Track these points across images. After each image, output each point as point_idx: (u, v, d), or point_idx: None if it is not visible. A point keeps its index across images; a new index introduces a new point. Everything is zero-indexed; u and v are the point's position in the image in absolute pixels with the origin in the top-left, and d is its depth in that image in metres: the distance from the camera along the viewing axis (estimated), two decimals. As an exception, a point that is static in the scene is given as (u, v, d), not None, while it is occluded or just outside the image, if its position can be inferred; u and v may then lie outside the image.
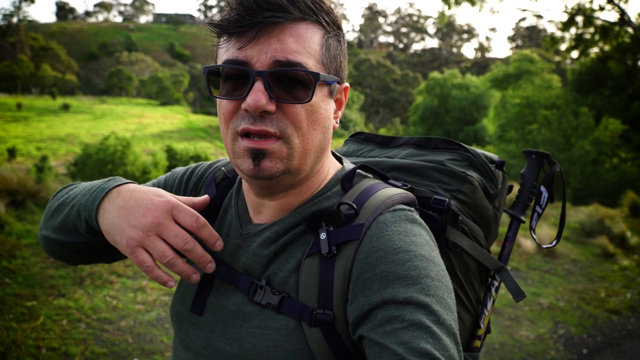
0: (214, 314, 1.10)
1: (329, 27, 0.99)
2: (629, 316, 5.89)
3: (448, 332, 0.85)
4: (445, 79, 43.35)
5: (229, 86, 0.96)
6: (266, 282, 1.03)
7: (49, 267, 5.31)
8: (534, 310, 5.83)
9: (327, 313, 0.95)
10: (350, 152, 1.45)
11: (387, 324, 0.85)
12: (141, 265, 0.96)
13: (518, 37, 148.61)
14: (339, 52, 1.02)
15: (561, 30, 26.96)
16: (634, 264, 7.94)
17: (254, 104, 0.90)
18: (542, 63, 31.14)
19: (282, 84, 0.93)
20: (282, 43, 0.92)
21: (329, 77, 0.97)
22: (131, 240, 0.97)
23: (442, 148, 1.33)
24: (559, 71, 38.97)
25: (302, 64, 0.92)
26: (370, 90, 78.45)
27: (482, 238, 1.25)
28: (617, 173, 19.87)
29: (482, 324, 1.29)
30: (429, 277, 0.90)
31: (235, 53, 0.93)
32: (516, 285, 1.25)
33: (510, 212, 1.39)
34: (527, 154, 1.43)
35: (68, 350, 3.84)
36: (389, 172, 1.28)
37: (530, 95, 24.46)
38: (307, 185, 1.06)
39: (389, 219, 0.98)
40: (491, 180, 1.28)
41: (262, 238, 1.06)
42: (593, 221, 9.52)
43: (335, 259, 0.96)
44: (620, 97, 24.14)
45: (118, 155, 18.01)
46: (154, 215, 0.96)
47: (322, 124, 0.99)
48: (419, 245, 0.94)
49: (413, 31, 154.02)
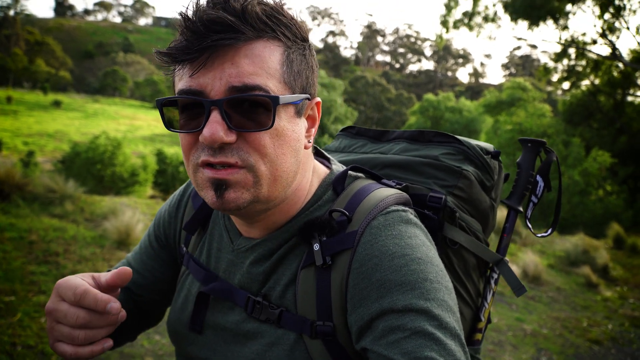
0: (213, 332, 1.07)
1: (290, 42, 0.91)
2: (610, 347, 5.91)
3: (452, 335, 0.83)
4: (439, 101, 43.77)
5: (185, 117, 0.90)
6: (263, 297, 1.00)
7: (30, 263, 5.22)
8: (517, 335, 5.83)
9: (327, 324, 0.93)
10: (342, 147, 1.40)
11: (389, 334, 0.82)
12: (65, 357, 0.92)
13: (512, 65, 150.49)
14: (304, 66, 0.95)
15: (554, 61, 27.41)
16: (616, 296, 8.00)
17: (210, 137, 0.84)
18: (534, 92, 31.54)
19: (242, 110, 0.86)
20: (237, 66, 0.85)
21: (292, 97, 0.90)
22: (49, 339, 0.94)
23: (435, 141, 1.28)
24: (550, 101, 39.51)
25: (261, 86, 0.85)
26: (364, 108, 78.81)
27: (479, 232, 1.22)
28: (603, 205, 20.07)
29: (483, 316, 1.27)
30: (427, 280, 0.87)
31: (188, 82, 0.86)
32: (516, 279, 1.21)
33: (507, 202, 1.35)
34: (522, 143, 1.38)
35: (45, 349, 3.75)
36: (382, 169, 1.24)
37: (523, 122, 24.73)
38: (287, 204, 1.01)
39: (382, 222, 0.94)
40: (487, 172, 1.25)
41: (255, 255, 1.03)
42: (578, 251, 9.58)
43: (330, 269, 0.93)
44: (609, 130, 24.50)
45: (108, 156, 17.86)
46: (48, 305, 0.93)
47: (292, 147, 0.92)
48: (415, 248, 0.91)
49: (410, 52, 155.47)
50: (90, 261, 5.61)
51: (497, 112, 30.78)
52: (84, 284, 0.90)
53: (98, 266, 5.47)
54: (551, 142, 22.32)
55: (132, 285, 1.26)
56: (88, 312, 0.89)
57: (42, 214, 6.94)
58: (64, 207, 7.33)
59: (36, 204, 7.23)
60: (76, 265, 5.38)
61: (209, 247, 1.14)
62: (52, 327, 0.91)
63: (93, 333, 0.90)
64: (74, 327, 0.89)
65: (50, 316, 0.91)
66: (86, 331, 0.90)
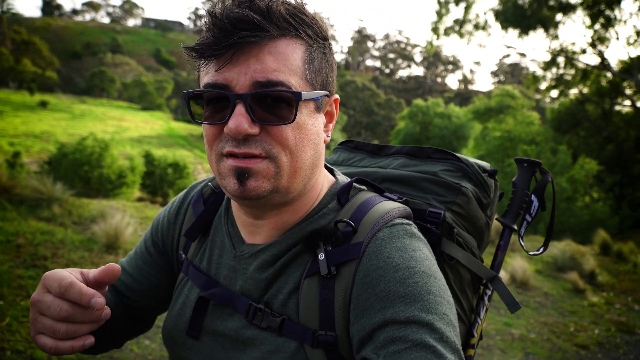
0: (211, 338, 1.06)
1: (311, 41, 0.95)
2: (597, 352, 5.97)
3: (452, 349, 0.83)
4: (428, 106, 43.94)
5: (210, 110, 0.94)
6: (265, 304, 1.00)
7: (18, 267, 5.16)
8: (506, 340, 5.87)
9: (329, 334, 0.93)
10: (340, 160, 1.42)
11: (391, 345, 0.83)
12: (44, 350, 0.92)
13: (501, 73, 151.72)
14: (325, 64, 0.99)
15: (543, 69, 27.71)
16: (603, 302, 8.08)
17: (235, 128, 0.88)
18: (523, 99, 31.83)
19: (265, 105, 0.90)
20: (261, 63, 0.89)
21: (313, 93, 0.94)
22: (31, 331, 0.94)
23: (435, 158, 1.31)
24: (538, 109, 39.87)
25: (284, 82, 0.89)
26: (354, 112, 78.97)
27: (475, 248, 1.24)
28: (589, 212, 20.28)
29: (476, 332, 1.28)
30: (430, 294, 0.88)
31: (214, 76, 0.90)
32: (510, 295, 1.23)
33: (502, 220, 1.37)
34: (518, 162, 1.41)
35: (34, 354, 3.71)
36: (381, 183, 1.26)
37: (512, 129, 24.94)
38: (300, 202, 1.03)
39: (387, 235, 0.96)
40: (484, 190, 1.27)
41: (258, 261, 1.03)
42: (565, 257, 9.67)
43: (335, 279, 0.94)
44: (596, 139, 24.79)
45: (95, 157, 17.68)
46: (33, 296, 0.93)
47: (312, 140, 0.96)
48: (419, 261, 0.92)
49: (400, 58, 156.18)
50: (78, 265, 5.55)
51: (486, 118, 31.01)
52: (70, 277, 0.90)
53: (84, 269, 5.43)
54: (539, 150, 22.54)
55: (126, 290, 1.25)
56: (72, 305, 0.89)
57: (30, 217, 6.87)
58: (51, 210, 7.26)
59: (23, 207, 7.15)
60: (64, 269, 5.34)
61: (210, 253, 1.14)
62: (35, 318, 0.91)
63: (75, 328, 0.90)
64: (56, 320, 0.89)
65: (34, 307, 0.91)
66: (68, 325, 0.89)
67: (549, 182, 1.37)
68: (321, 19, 0.99)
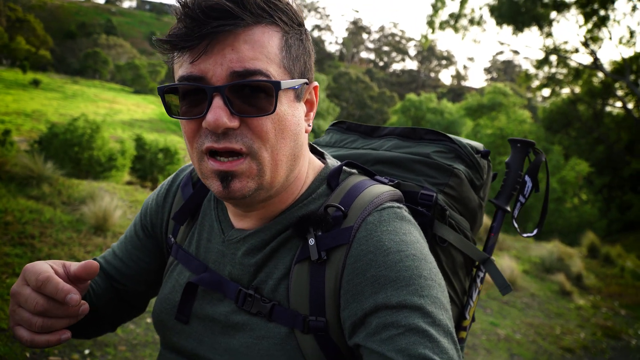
0: (200, 323, 1.05)
1: (287, 27, 0.92)
2: (582, 356, 6.01)
3: (445, 332, 0.83)
4: (421, 101, 43.92)
5: (187, 104, 0.90)
6: (255, 290, 0.99)
7: (5, 244, 5.10)
8: (491, 340, 5.89)
9: (320, 320, 0.92)
10: (333, 142, 1.41)
11: (383, 330, 0.82)
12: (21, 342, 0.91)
13: (494, 70, 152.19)
14: (302, 51, 0.96)
15: (536, 67, 27.84)
16: (589, 305, 8.14)
17: (214, 122, 0.85)
18: (515, 97, 31.95)
19: (243, 96, 0.87)
20: (237, 52, 0.85)
21: (292, 82, 0.91)
22: (10, 321, 0.94)
23: (427, 139, 1.30)
24: (529, 107, 40.05)
25: (262, 70, 0.86)
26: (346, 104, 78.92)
27: (468, 230, 1.24)
28: (577, 213, 20.43)
29: (468, 314, 1.28)
30: (421, 277, 0.87)
31: (189, 68, 0.87)
32: (502, 278, 1.23)
33: (495, 202, 1.37)
34: (512, 143, 1.40)
35: (18, 334, 3.66)
36: (373, 165, 1.24)
37: (504, 127, 25.04)
38: (286, 193, 1.01)
39: (377, 219, 0.95)
40: (477, 171, 1.26)
41: (247, 246, 1.02)
42: (553, 258, 9.75)
43: (325, 264, 0.93)
44: (587, 139, 24.97)
45: (86, 139, 17.52)
46: (13, 287, 0.93)
47: (292, 131, 0.94)
48: (410, 244, 0.92)
49: (394, 51, 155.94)
50: (66, 245, 5.49)
51: (478, 115, 31.13)
52: (48, 271, 0.90)
53: (74, 251, 5.36)
54: (531, 149, 22.65)
55: (116, 275, 1.24)
56: (48, 300, 0.89)
57: (19, 194, 6.78)
58: (41, 189, 7.17)
59: (13, 185, 7.06)
60: (52, 249, 5.26)
61: (199, 237, 1.13)
62: (14, 310, 0.92)
63: (51, 322, 0.90)
64: (32, 313, 0.89)
65: (14, 299, 0.92)
66: (44, 319, 0.89)
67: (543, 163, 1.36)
68: (296, 4, 0.96)
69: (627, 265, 11.12)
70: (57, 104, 50.95)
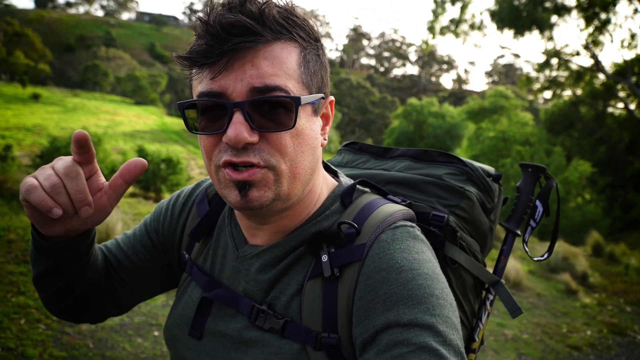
0: (213, 338, 1.06)
1: (305, 43, 0.94)
2: (589, 353, 6.00)
3: (455, 352, 0.83)
4: (422, 105, 44.02)
5: (206, 119, 0.91)
6: (268, 306, 1.00)
7: (9, 262, 5.10)
8: (499, 340, 5.88)
9: (332, 336, 0.92)
10: (345, 162, 1.42)
11: (394, 348, 0.82)
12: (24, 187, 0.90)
13: (495, 73, 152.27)
14: (319, 66, 0.97)
15: (537, 71, 27.82)
16: (595, 303, 8.12)
17: (235, 137, 0.86)
18: (516, 100, 31.95)
19: (263, 111, 0.88)
20: (257, 68, 0.87)
21: (311, 97, 0.93)
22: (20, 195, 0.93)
23: (439, 161, 1.31)
24: (531, 110, 40.04)
25: (282, 87, 0.88)
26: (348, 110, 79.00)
27: (478, 252, 1.24)
28: (581, 213, 20.38)
29: (477, 337, 1.28)
30: (433, 296, 0.87)
31: (209, 84, 0.88)
32: (512, 301, 1.23)
33: (506, 225, 1.37)
34: (523, 167, 1.41)
35: (25, 352, 3.66)
36: (386, 186, 1.25)
37: (507, 130, 25.02)
38: (300, 206, 1.02)
39: (390, 237, 0.95)
40: (488, 194, 1.27)
41: (261, 262, 1.02)
42: (558, 258, 9.72)
43: (338, 281, 0.93)
44: (589, 140, 24.92)
45: (88, 151, 17.55)
46: None
47: (310, 145, 0.95)
48: (422, 263, 0.92)
49: (395, 56, 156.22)
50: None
51: (480, 119, 31.12)
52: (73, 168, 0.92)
53: (79, 265, 5.38)
54: (533, 151, 22.64)
55: (117, 265, 1.23)
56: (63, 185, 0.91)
57: (21, 212, 6.79)
58: (44, 204, 7.17)
59: (15, 202, 7.07)
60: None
61: (214, 254, 1.14)
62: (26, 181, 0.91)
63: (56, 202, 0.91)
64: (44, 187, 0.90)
65: (37, 172, 0.93)
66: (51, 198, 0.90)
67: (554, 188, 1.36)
68: (311, 19, 0.97)
69: (631, 262, 11.08)
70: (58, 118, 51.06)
